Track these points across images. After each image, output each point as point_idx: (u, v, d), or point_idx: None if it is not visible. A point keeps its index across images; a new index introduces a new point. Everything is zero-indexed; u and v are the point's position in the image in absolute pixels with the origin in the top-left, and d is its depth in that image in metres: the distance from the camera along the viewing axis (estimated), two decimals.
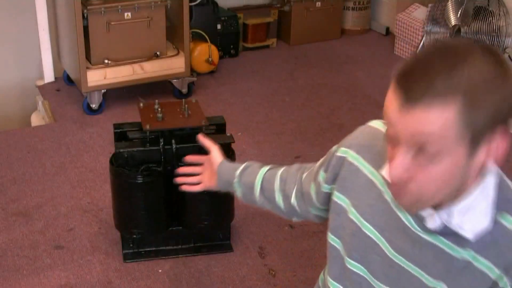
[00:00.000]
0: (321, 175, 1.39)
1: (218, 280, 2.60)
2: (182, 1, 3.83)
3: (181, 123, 2.60)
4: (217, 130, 2.70)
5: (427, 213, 1.16)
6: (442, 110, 1.00)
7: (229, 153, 2.63)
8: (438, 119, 1.00)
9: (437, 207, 1.14)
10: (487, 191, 1.13)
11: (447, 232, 1.16)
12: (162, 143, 2.55)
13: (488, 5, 3.99)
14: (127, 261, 2.68)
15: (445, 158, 1.04)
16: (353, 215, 1.30)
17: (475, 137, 1.03)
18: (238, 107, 3.98)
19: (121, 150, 2.53)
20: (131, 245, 2.70)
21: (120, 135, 2.63)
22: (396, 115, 1.04)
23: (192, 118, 2.62)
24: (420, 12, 4.56)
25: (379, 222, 1.26)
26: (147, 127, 2.54)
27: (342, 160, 1.32)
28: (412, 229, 1.20)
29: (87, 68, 3.71)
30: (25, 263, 2.67)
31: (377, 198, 1.26)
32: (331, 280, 1.40)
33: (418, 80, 1.01)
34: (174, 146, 2.55)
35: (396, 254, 1.24)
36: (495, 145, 1.06)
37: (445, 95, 0.99)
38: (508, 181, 1.18)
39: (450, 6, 4.12)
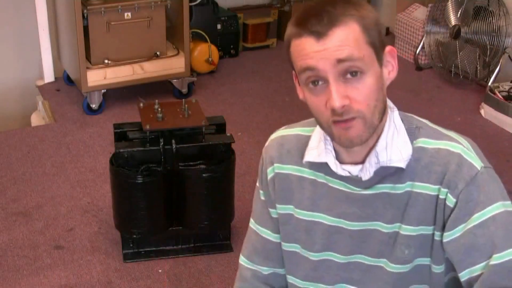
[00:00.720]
0: (273, 212, 1.46)
1: (218, 280, 2.60)
2: (182, 1, 3.83)
3: (181, 123, 2.60)
4: (217, 130, 2.70)
5: (357, 171, 1.30)
6: (347, 34, 1.19)
7: (229, 153, 2.63)
8: (348, 41, 1.19)
9: (364, 159, 1.29)
10: (396, 123, 1.30)
11: (383, 177, 1.30)
12: (162, 143, 2.55)
13: (488, 5, 3.98)
14: (127, 261, 2.68)
15: (367, 75, 1.21)
16: (300, 214, 1.40)
17: (377, 54, 1.23)
18: (238, 107, 3.98)
19: (121, 150, 2.53)
20: (131, 245, 2.70)
21: (120, 135, 2.63)
22: (316, 54, 1.20)
23: (192, 118, 2.62)
24: (420, 12, 4.56)
25: (325, 205, 1.37)
26: (147, 127, 2.54)
27: (273, 178, 1.44)
28: (354, 192, 1.33)
29: (87, 68, 3.71)
30: (25, 263, 2.67)
31: (312, 188, 1.38)
32: (302, 281, 1.45)
33: (320, 19, 1.20)
34: (174, 146, 2.55)
35: (351, 223, 1.34)
36: (389, 62, 1.27)
37: (346, 22, 1.20)
38: (405, 113, 1.35)
39: (450, 6, 4.12)
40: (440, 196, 1.27)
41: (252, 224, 1.53)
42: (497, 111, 3.76)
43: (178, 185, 2.60)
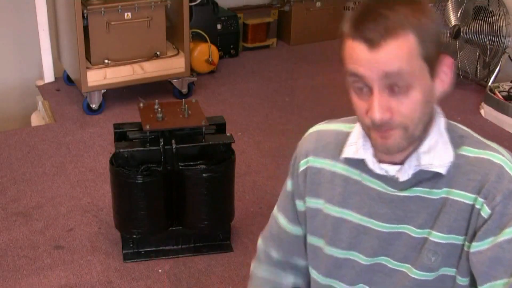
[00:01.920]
0: (299, 205, 1.46)
1: (218, 280, 2.60)
2: (182, 1, 3.83)
3: (181, 123, 2.60)
4: (217, 130, 2.70)
5: (395, 171, 1.27)
6: (401, 47, 1.14)
7: (229, 153, 2.63)
8: (401, 55, 1.14)
9: (403, 161, 1.26)
10: (441, 130, 1.28)
11: (419, 180, 1.27)
12: (162, 143, 2.55)
13: (488, 5, 3.99)
14: (127, 261, 2.68)
15: (415, 89, 1.17)
16: (329, 209, 1.39)
17: (431, 67, 1.19)
18: (238, 107, 3.98)
19: (121, 150, 2.53)
20: (131, 245, 2.70)
21: (120, 135, 2.63)
22: (365, 63, 1.16)
23: (192, 118, 2.62)
24: None
25: (355, 203, 1.35)
26: (147, 127, 2.54)
27: (305, 170, 1.42)
28: (388, 192, 1.30)
29: (87, 68, 3.71)
30: (25, 263, 2.67)
31: (344, 184, 1.36)
32: (323, 277, 1.44)
33: (375, 25, 1.15)
34: (174, 146, 2.54)
35: (381, 224, 1.32)
36: (444, 73, 1.22)
37: (401, 33, 1.14)
38: (450, 121, 1.32)
39: (450, 6, 4.12)
40: (476, 206, 1.24)
41: (275, 210, 1.54)
42: (497, 111, 3.76)
43: (178, 185, 2.60)
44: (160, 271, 2.64)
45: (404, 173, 1.26)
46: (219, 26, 4.53)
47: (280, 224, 1.51)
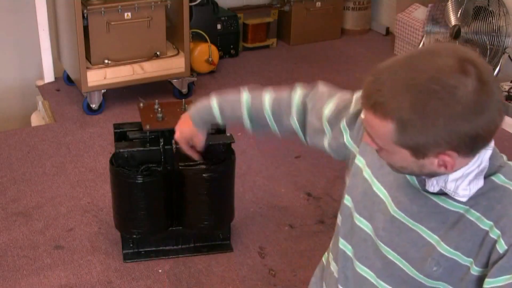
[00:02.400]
0: (345, 131, 1.47)
1: (218, 280, 2.60)
2: (182, 1, 3.83)
3: None
4: (217, 130, 2.70)
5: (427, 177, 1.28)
6: (384, 126, 1.17)
7: (229, 153, 2.63)
8: (381, 131, 1.19)
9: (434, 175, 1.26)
10: (482, 160, 1.25)
11: (444, 192, 1.27)
12: (162, 143, 2.55)
13: (488, 5, 3.98)
14: (127, 261, 2.68)
15: (396, 155, 1.22)
16: (367, 173, 1.40)
17: (415, 151, 1.19)
18: None
19: (121, 150, 2.53)
20: (131, 245, 2.70)
21: (120, 135, 2.63)
22: (364, 117, 1.23)
23: None
24: (420, 12, 4.56)
25: (388, 180, 1.36)
26: (147, 127, 2.54)
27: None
28: (414, 187, 1.32)
29: (87, 68, 3.71)
30: (25, 263, 2.67)
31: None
32: (341, 239, 1.47)
33: (369, 96, 1.19)
34: (174, 146, 2.54)
35: (397, 210, 1.33)
36: (443, 161, 1.20)
37: (385, 116, 1.16)
38: (498, 152, 1.30)
39: (450, 6, 4.12)
40: (491, 235, 1.23)
41: (325, 91, 1.60)
42: None
43: (178, 185, 2.60)
44: (160, 271, 2.64)
45: (431, 185, 1.28)
46: (219, 26, 4.53)
47: (322, 110, 1.52)
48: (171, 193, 2.62)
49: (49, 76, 4.18)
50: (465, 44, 4.08)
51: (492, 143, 1.27)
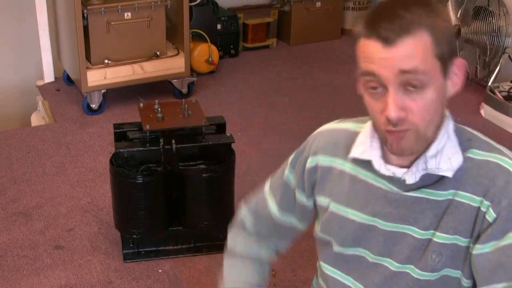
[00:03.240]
0: (299, 195, 1.48)
1: (218, 280, 2.60)
2: (182, 1, 3.83)
3: (181, 123, 2.60)
4: (217, 130, 2.70)
5: (403, 173, 1.28)
6: (417, 45, 1.15)
7: (229, 153, 2.63)
8: (416, 53, 1.15)
9: (411, 164, 1.27)
10: (449, 134, 1.28)
11: (426, 182, 1.27)
12: (162, 143, 2.55)
13: (488, 5, 3.99)
14: (127, 261, 2.68)
15: (429, 88, 1.18)
16: (335, 208, 1.40)
17: (444, 67, 1.20)
18: (238, 107, 3.98)
19: (121, 150, 2.53)
20: (131, 245, 2.70)
21: (120, 135, 2.63)
22: (380, 61, 1.17)
23: (192, 118, 2.62)
24: None
25: (360, 203, 1.35)
26: (147, 127, 2.54)
27: (314, 168, 1.43)
28: (394, 192, 1.31)
29: (87, 68, 3.71)
30: (25, 263, 2.67)
31: (351, 183, 1.37)
32: (328, 266, 1.45)
33: (391, 24, 1.16)
34: (174, 146, 2.55)
35: (385, 223, 1.33)
36: (456, 74, 1.24)
37: (417, 32, 1.15)
38: (458, 125, 1.32)
39: (450, 6, 4.12)
40: (482, 209, 1.24)
41: (267, 190, 1.56)
42: (497, 111, 3.76)
43: (178, 185, 2.60)
44: (160, 271, 2.64)
45: (411, 175, 1.27)
46: (219, 26, 4.53)
47: (269, 210, 1.53)
48: (171, 193, 2.62)
49: (49, 76, 4.18)
50: (465, 44, 4.08)
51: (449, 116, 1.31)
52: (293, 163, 1.50)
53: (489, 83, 3.92)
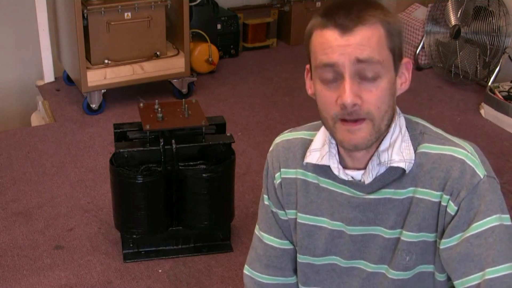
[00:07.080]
0: (281, 215, 1.47)
1: (218, 280, 2.60)
2: (182, 1, 3.83)
3: (181, 123, 2.60)
4: (217, 130, 2.70)
5: (360, 175, 1.30)
6: (372, 34, 1.19)
7: (229, 153, 2.63)
8: (371, 42, 1.19)
9: (366, 166, 1.29)
10: (401, 128, 1.30)
11: (385, 182, 1.29)
12: (162, 143, 2.55)
13: (488, 5, 3.98)
14: (127, 261, 2.68)
15: (382, 80, 1.21)
16: (303, 218, 1.40)
17: (395, 62, 1.24)
18: (238, 107, 3.98)
19: (121, 150, 2.53)
20: (131, 245, 2.70)
21: (120, 135, 2.63)
22: (338, 49, 1.20)
23: (192, 118, 2.62)
24: (420, 12, 4.56)
25: (327, 209, 1.36)
26: (147, 127, 2.54)
27: (280, 183, 1.43)
28: (356, 196, 1.33)
29: (87, 68, 3.71)
30: (25, 263, 2.67)
31: (316, 192, 1.38)
32: (302, 286, 1.45)
33: (348, 12, 1.20)
34: (174, 146, 2.55)
35: (352, 227, 1.34)
36: (403, 74, 1.28)
37: (373, 22, 1.20)
38: (412, 118, 1.35)
39: (450, 6, 4.12)
40: (442, 203, 1.26)
41: (257, 230, 1.53)
42: (497, 111, 3.76)
43: (178, 185, 2.60)
44: (160, 271, 2.64)
45: (368, 174, 1.28)
46: (219, 26, 4.53)
47: (266, 243, 1.49)
48: (171, 193, 2.62)
49: (49, 76, 4.18)
50: (465, 44, 4.08)
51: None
52: (265, 186, 1.49)
53: (489, 83, 3.92)
